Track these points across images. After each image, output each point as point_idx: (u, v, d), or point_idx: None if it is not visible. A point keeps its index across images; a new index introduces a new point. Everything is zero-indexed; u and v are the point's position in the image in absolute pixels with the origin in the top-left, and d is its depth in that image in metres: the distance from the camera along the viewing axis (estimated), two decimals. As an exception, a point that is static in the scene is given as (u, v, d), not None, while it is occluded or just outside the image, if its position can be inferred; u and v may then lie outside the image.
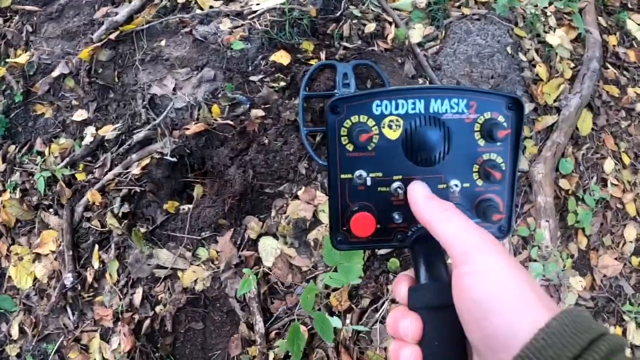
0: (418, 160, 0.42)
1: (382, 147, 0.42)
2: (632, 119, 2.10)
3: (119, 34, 1.73)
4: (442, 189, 0.43)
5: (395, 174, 0.42)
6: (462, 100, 0.42)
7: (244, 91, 1.56)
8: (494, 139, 0.42)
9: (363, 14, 1.63)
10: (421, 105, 0.42)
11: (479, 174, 0.43)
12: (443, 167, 0.43)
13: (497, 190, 0.44)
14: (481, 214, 0.43)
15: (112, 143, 1.68)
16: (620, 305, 1.85)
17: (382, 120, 0.42)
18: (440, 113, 0.42)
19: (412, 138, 0.42)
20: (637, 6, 2.37)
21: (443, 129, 0.42)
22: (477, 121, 0.42)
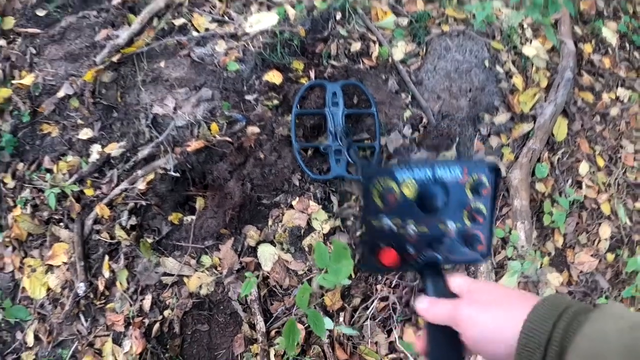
0: (426, 209, 0.62)
1: (401, 202, 0.62)
2: (606, 123, 2.33)
3: (121, 56, 1.93)
4: (442, 228, 0.63)
5: (409, 219, 0.63)
6: (458, 167, 0.63)
7: (240, 109, 1.77)
8: (479, 193, 0.63)
9: (349, 33, 1.84)
10: (429, 172, 0.62)
11: (467, 217, 0.64)
12: (443, 213, 0.63)
13: (480, 228, 0.64)
14: (469, 245, 0.64)
15: (117, 160, 1.89)
16: (597, 299, 2.07)
17: (402, 183, 0.62)
18: (443, 177, 0.62)
19: (422, 195, 0.62)
20: (612, 14, 2.59)
21: (444, 188, 0.62)
22: (468, 181, 0.63)
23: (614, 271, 2.13)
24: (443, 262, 0.65)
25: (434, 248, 0.64)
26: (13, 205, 2.04)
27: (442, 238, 0.63)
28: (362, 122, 1.83)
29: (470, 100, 1.90)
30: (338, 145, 1.70)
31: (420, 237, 0.63)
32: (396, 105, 1.80)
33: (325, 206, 1.70)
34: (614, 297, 2.06)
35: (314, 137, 1.78)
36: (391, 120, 1.80)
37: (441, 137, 1.80)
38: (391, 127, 1.79)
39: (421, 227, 0.63)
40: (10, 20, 2.19)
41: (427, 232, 0.64)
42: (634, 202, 2.26)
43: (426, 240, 0.64)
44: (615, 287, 2.11)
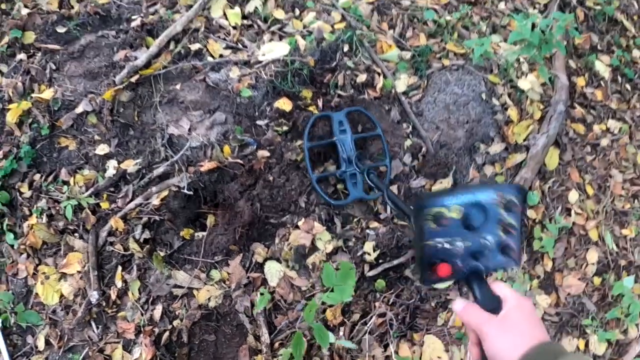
0: (469, 227, 0.78)
1: (450, 223, 0.78)
2: (597, 153, 2.52)
3: (139, 77, 2.10)
4: (482, 242, 0.79)
5: (457, 237, 0.78)
6: (493, 191, 0.79)
7: (252, 134, 1.94)
8: (511, 211, 0.79)
9: (356, 65, 2.02)
10: (471, 197, 0.78)
11: (502, 231, 0.80)
12: (483, 229, 0.79)
13: (513, 239, 0.81)
14: (505, 253, 0.80)
15: (133, 176, 2.05)
16: (582, 320, 2.25)
17: (450, 208, 0.78)
18: (481, 200, 0.78)
19: (467, 216, 0.78)
20: (606, 48, 2.80)
21: (483, 209, 0.78)
22: (501, 201, 0.79)
23: (600, 294, 2.31)
24: (485, 269, 0.80)
25: (477, 259, 0.79)
26: (29, 214, 2.19)
27: (483, 250, 0.79)
28: (368, 145, 2.01)
29: (467, 131, 2.09)
30: (352, 169, 1.88)
31: (466, 251, 0.78)
32: (398, 135, 1.99)
33: (329, 227, 1.87)
34: (599, 318, 2.23)
35: (321, 165, 1.96)
36: (393, 149, 1.98)
37: (439, 166, 1.98)
38: (392, 155, 1.97)
39: (466, 242, 0.79)
40: (31, 35, 2.35)
41: (471, 246, 0.79)
42: (621, 229, 2.45)
43: (470, 253, 0.79)
44: (601, 309, 2.29)
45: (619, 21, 2.91)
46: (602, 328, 2.20)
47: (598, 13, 2.83)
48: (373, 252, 1.89)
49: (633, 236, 2.45)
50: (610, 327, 2.23)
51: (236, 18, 2.15)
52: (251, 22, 2.17)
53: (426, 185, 2.04)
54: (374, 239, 1.90)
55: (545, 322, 2.20)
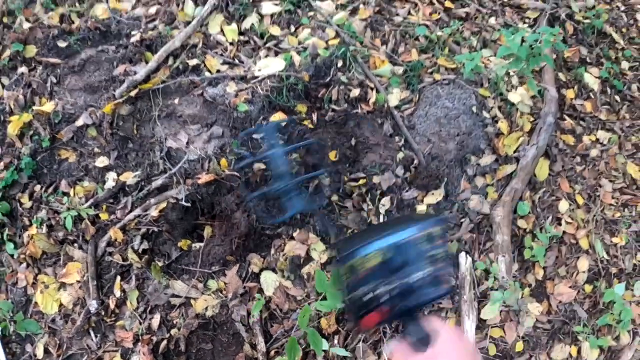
0: (392, 270, 0.76)
1: (370, 272, 0.76)
2: (586, 164, 2.62)
3: (138, 91, 2.19)
4: (409, 280, 0.76)
5: (381, 282, 0.76)
6: (411, 227, 0.78)
7: (248, 147, 2.03)
8: (433, 243, 0.78)
9: (349, 80, 2.12)
10: (387, 240, 0.77)
11: (429, 264, 0.78)
12: (408, 269, 0.77)
13: (441, 269, 0.79)
14: (435, 285, 0.78)
15: (132, 188, 2.14)
16: (574, 327, 2.33)
17: (368, 256, 0.76)
18: (399, 240, 0.77)
19: (388, 259, 0.76)
20: (595, 60, 2.90)
21: (404, 247, 0.77)
22: (422, 236, 0.78)
23: (591, 301, 2.38)
24: (417, 306, 0.79)
25: (406, 298, 0.78)
26: (29, 224, 2.27)
27: (412, 287, 0.78)
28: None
29: (458, 144, 2.18)
30: (286, 185, 1.78)
31: (392, 293, 0.77)
32: (390, 148, 2.08)
33: (323, 238, 1.96)
34: (591, 325, 2.31)
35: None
36: (385, 161, 2.07)
37: (430, 177, 2.07)
38: (385, 167, 2.06)
39: (392, 285, 0.77)
40: (32, 48, 2.44)
41: (398, 287, 0.77)
42: (611, 237, 2.53)
43: (398, 294, 0.78)
44: (592, 316, 2.36)
45: (608, 34, 3.02)
46: (594, 335, 2.27)
47: (587, 26, 2.94)
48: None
49: (623, 244, 2.52)
50: (602, 333, 2.30)
51: (233, 34, 2.25)
52: (248, 39, 2.27)
53: (418, 197, 2.13)
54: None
55: (538, 330, 2.28)
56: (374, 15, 2.41)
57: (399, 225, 0.81)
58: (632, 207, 2.62)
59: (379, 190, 2.06)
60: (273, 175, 1.90)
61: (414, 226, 0.79)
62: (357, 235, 0.89)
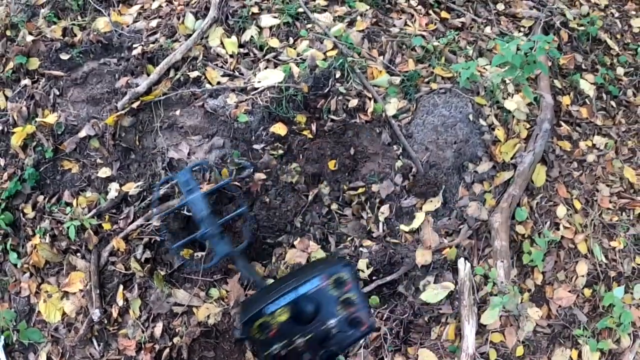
0: (305, 321, 0.79)
1: (281, 327, 0.79)
2: (583, 169, 2.66)
3: (140, 103, 2.25)
4: (324, 327, 0.80)
5: (295, 335, 0.80)
6: (315, 278, 0.81)
7: (248, 157, 2.08)
8: (343, 287, 0.81)
9: (347, 90, 2.17)
10: (293, 294, 0.80)
11: (342, 308, 0.82)
12: (321, 317, 0.80)
13: (357, 310, 0.82)
14: (354, 327, 0.81)
15: (134, 198, 2.18)
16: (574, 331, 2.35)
17: (275, 314, 0.79)
18: (306, 291, 0.80)
19: (296, 313, 0.79)
20: (590, 67, 2.96)
21: (312, 298, 0.80)
22: (329, 283, 0.82)
23: (591, 305, 2.41)
24: (339, 350, 0.82)
25: (326, 345, 0.81)
26: (32, 234, 2.31)
27: (329, 333, 0.81)
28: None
29: (455, 151, 2.23)
30: (210, 229, 1.80)
31: (310, 343, 0.80)
32: (388, 156, 2.13)
33: (323, 246, 2.00)
34: (591, 329, 2.34)
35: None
36: (384, 170, 2.12)
37: (429, 185, 2.11)
38: (384, 176, 2.11)
39: (308, 335, 0.80)
40: (35, 61, 2.50)
41: (315, 336, 0.80)
42: (610, 241, 2.57)
43: (317, 342, 0.80)
44: (592, 320, 2.39)
45: (603, 40, 3.08)
46: (594, 338, 2.30)
47: (582, 33, 3.00)
48: (367, 269, 2.01)
49: (621, 248, 2.55)
50: (602, 337, 2.33)
51: (233, 47, 2.30)
52: (247, 51, 2.32)
53: (417, 204, 2.17)
54: (367, 257, 2.02)
55: (538, 334, 2.31)
56: (371, 27, 2.47)
57: (304, 276, 0.82)
58: (630, 211, 2.66)
59: (378, 198, 2.10)
60: (196, 221, 1.87)
61: (319, 275, 0.81)
62: (262, 293, 0.91)
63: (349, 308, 0.81)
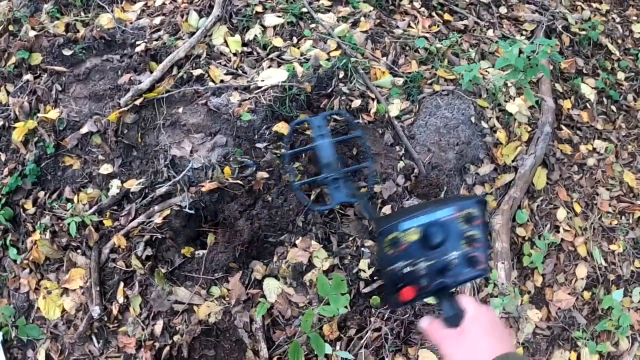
0: (431, 246, 0.80)
1: (409, 246, 0.80)
2: (583, 173, 2.68)
3: (143, 100, 2.24)
4: (447, 258, 0.80)
5: (419, 258, 0.80)
6: (450, 207, 0.81)
7: (251, 156, 2.09)
8: (472, 223, 0.81)
9: (350, 91, 2.18)
10: (427, 217, 0.81)
11: (466, 244, 0.82)
12: (446, 246, 0.80)
13: (478, 250, 0.82)
14: (472, 265, 0.81)
15: (136, 195, 2.18)
16: (573, 333, 2.37)
17: (407, 232, 0.80)
18: (439, 218, 0.81)
19: (426, 236, 0.80)
20: (591, 71, 2.98)
21: (442, 226, 0.80)
22: (460, 215, 0.81)
23: (590, 308, 2.42)
24: (453, 284, 0.82)
25: (443, 275, 0.81)
26: (32, 230, 2.31)
27: (449, 265, 0.81)
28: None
29: (457, 153, 2.24)
30: (334, 174, 1.87)
31: (430, 269, 0.81)
32: (391, 157, 2.14)
33: (325, 246, 2.01)
34: (590, 331, 2.35)
35: (313, 173, 2.03)
36: (386, 170, 2.13)
37: (430, 186, 2.12)
38: (386, 177, 2.12)
39: (430, 261, 0.80)
40: (37, 56, 2.49)
41: (436, 264, 0.81)
42: (609, 245, 2.59)
43: (436, 271, 0.81)
44: (591, 322, 2.41)
45: (604, 45, 3.10)
46: (593, 341, 2.31)
47: (583, 38, 3.02)
48: (368, 269, 2.02)
49: (621, 251, 2.57)
50: (601, 339, 2.34)
51: (236, 45, 2.31)
52: (251, 50, 2.33)
53: (418, 205, 2.18)
54: (368, 257, 2.03)
55: (537, 336, 2.32)
56: (375, 28, 2.49)
57: (440, 204, 0.84)
58: (629, 214, 2.68)
59: (380, 199, 2.11)
60: (321, 165, 1.93)
61: (453, 205, 0.82)
62: (399, 212, 0.93)
63: (472, 245, 0.81)
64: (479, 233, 0.82)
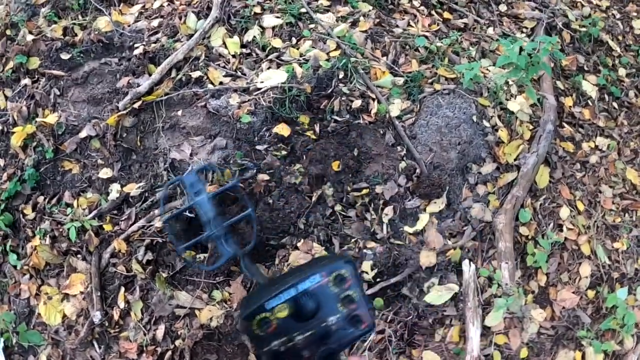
0: (304, 319, 0.76)
1: (280, 324, 0.76)
2: (586, 170, 2.66)
3: (141, 103, 2.23)
4: (324, 325, 0.76)
5: (295, 332, 0.76)
6: (316, 274, 0.78)
7: (251, 158, 2.07)
8: (343, 284, 0.77)
9: (351, 91, 2.16)
10: (294, 290, 0.77)
11: (342, 306, 0.78)
12: (321, 314, 0.77)
13: (357, 309, 0.78)
14: (355, 325, 0.78)
15: (136, 199, 2.16)
16: (577, 332, 2.35)
17: (275, 310, 0.76)
18: (306, 288, 0.77)
19: (296, 309, 0.76)
20: (592, 68, 2.96)
21: (312, 295, 0.76)
22: (329, 280, 0.78)
23: (594, 307, 2.41)
24: (339, 347, 0.79)
25: (326, 342, 0.78)
26: (32, 236, 2.30)
27: (330, 331, 0.78)
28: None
29: (459, 152, 2.23)
30: (216, 231, 1.85)
31: (310, 340, 0.77)
32: (392, 157, 2.12)
33: (327, 248, 1.99)
34: (595, 330, 2.33)
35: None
36: (388, 171, 2.11)
37: (433, 186, 2.10)
38: (387, 177, 2.10)
39: (307, 332, 0.77)
40: (35, 60, 2.48)
41: (315, 333, 0.78)
42: (613, 243, 2.57)
43: (317, 340, 0.78)
44: (596, 321, 2.39)
45: (605, 42, 3.08)
46: (598, 339, 2.30)
47: (583, 35, 3.00)
48: (371, 271, 2.00)
49: (624, 249, 2.55)
50: (605, 338, 2.33)
51: (235, 47, 2.29)
52: (250, 51, 2.31)
53: (421, 206, 2.16)
54: (371, 259, 2.01)
55: (542, 335, 2.30)
56: (374, 27, 2.47)
57: (304, 273, 0.81)
58: (633, 212, 2.66)
59: (381, 199, 2.09)
60: (202, 223, 1.91)
61: (318, 272, 0.79)
62: (261, 289, 0.90)
63: (350, 305, 0.79)
64: (355, 292, 0.80)
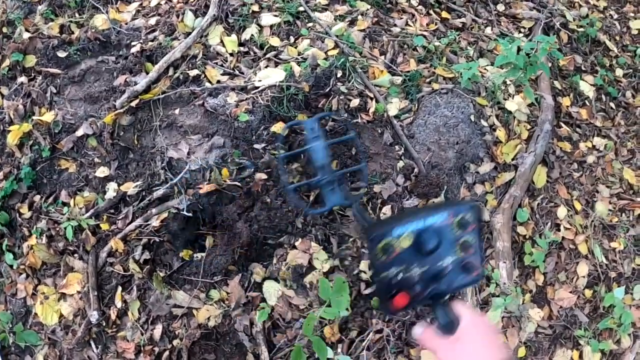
0: (425, 252, 0.78)
1: (402, 252, 0.79)
2: (583, 170, 2.66)
3: (139, 101, 2.21)
4: (441, 264, 0.79)
5: (413, 264, 0.79)
6: (444, 212, 0.80)
7: (249, 157, 2.06)
8: (465, 229, 0.80)
9: (349, 90, 2.15)
10: (421, 223, 0.79)
11: (460, 249, 0.80)
12: (440, 252, 0.79)
13: (473, 256, 0.81)
14: (466, 271, 0.80)
15: (133, 198, 2.15)
16: (575, 332, 2.35)
17: (400, 238, 0.79)
18: (432, 223, 0.79)
19: (419, 242, 0.78)
20: (590, 68, 2.97)
21: (436, 232, 0.79)
22: (454, 221, 0.80)
23: (592, 306, 2.41)
24: (447, 291, 0.81)
25: (437, 281, 0.80)
26: (28, 235, 2.28)
27: (443, 272, 0.80)
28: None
29: (457, 152, 2.22)
30: (328, 177, 1.84)
31: (424, 276, 0.80)
32: (390, 157, 2.11)
33: (325, 247, 1.98)
34: (592, 329, 2.34)
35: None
36: (386, 170, 2.10)
37: (431, 186, 2.10)
38: (386, 177, 2.09)
39: (423, 267, 0.79)
40: (32, 58, 2.46)
41: (429, 270, 0.80)
42: (610, 242, 2.58)
43: (430, 277, 0.80)
44: (593, 320, 2.39)
45: (602, 42, 3.08)
46: (595, 339, 2.30)
47: (581, 35, 3.01)
48: (369, 270, 1.99)
49: (622, 248, 2.56)
50: (603, 337, 2.33)
51: (233, 45, 2.28)
52: (247, 49, 2.30)
53: (419, 205, 2.15)
54: (369, 258, 2.00)
55: (539, 335, 2.30)
56: (372, 26, 2.46)
57: (433, 209, 0.83)
58: (630, 212, 2.66)
59: (379, 199, 2.08)
60: (314, 168, 1.91)
61: (447, 211, 0.81)
62: (391, 218, 0.92)
63: (466, 251, 0.80)
64: (474, 239, 0.81)
